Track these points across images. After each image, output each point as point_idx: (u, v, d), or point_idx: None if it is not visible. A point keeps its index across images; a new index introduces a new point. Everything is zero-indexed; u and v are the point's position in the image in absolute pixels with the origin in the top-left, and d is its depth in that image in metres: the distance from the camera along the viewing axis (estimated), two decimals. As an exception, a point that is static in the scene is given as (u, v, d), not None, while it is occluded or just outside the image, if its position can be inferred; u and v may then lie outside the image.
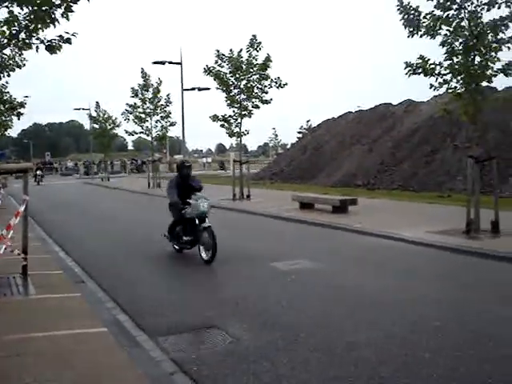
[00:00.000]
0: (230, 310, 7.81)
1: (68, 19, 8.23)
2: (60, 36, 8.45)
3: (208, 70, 25.01)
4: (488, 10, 13.09)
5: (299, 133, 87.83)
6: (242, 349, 6.24)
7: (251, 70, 24.65)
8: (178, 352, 6.25)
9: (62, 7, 8.03)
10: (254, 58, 24.55)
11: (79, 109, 57.08)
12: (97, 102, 51.19)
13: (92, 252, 13.26)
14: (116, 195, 34.22)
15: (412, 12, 13.44)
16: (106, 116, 50.05)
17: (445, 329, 6.72)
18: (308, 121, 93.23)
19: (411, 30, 13.54)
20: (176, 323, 7.27)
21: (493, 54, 13.15)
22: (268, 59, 24.40)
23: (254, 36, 24.57)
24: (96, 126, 51.52)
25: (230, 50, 24.88)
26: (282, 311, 7.69)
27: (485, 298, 8.24)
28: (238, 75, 24.85)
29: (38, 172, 49.97)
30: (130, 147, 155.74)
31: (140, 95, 38.01)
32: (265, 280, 9.66)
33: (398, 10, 13.54)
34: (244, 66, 24.65)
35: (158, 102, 37.58)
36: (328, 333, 6.70)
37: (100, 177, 55.70)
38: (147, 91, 37.84)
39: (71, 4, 7.99)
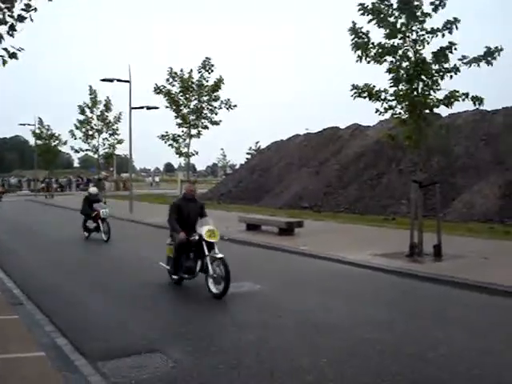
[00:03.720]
0: (173, 334, 7.70)
1: (13, 36, 8.05)
2: (5, 49, 8.21)
3: (158, 89, 24.88)
4: (431, 39, 13.49)
5: (248, 154, 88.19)
6: (183, 373, 6.14)
7: (202, 92, 24.66)
8: (118, 377, 6.11)
9: (7, 26, 7.83)
10: (205, 79, 24.59)
11: (24, 124, 55.75)
12: (40, 118, 50.15)
13: (32, 272, 12.90)
14: (59, 213, 33.47)
15: (362, 36, 13.68)
16: (49, 133, 49.13)
17: (386, 352, 6.77)
18: (257, 142, 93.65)
19: (359, 54, 13.79)
20: (117, 347, 7.11)
21: (435, 82, 13.51)
22: (220, 81, 24.47)
23: (207, 58, 24.65)
24: (40, 142, 50.48)
25: (181, 70, 24.86)
26: (225, 335, 7.62)
27: (425, 321, 8.36)
28: (188, 95, 24.81)
29: None
30: (76, 164, 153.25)
31: (88, 112, 37.35)
32: (209, 303, 9.57)
33: (350, 32, 13.74)
34: (195, 87, 24.65)
35: (106, 119, 36.93)
36: (270, 357, 6.66)
37: (44, 194, 54.43)
38: (95, 108, 37.21)
39: (15, 23, 7.80)
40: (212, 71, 24.58)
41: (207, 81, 24.62)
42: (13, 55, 8.22)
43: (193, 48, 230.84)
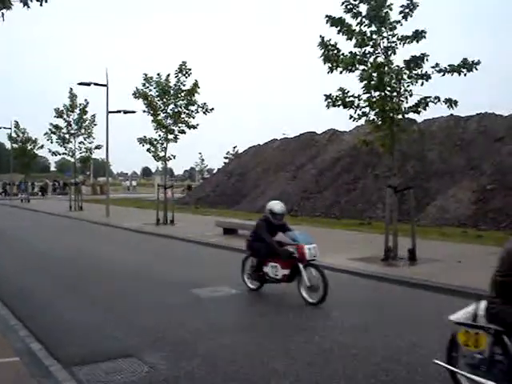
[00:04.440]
0: (149, 339, 7.68)
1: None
2: None
3: (137, 93, 24.79)
4: (403, 45, 13.68)
5: (225, 158, 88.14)
6: (159, 378, 6.15)
7: (179, 96, 24.64)
8: (93, 382, 6.10)
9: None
10: (182, 83, 24.59)
11: (0, 128, 55.17)
12: (16, 122, 49.74)
13: (5, 277, 12.78)
14: (35, 217, 33.15)
15: (331, 48, 13.79)
16: (25, 136, 48.72)
17: (360, 356, 6.85)
18: (235, 146, 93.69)
19: (330, 65, 13.89)
20: (92, 352, 7.09)
21: (406, 89, 13.67)
22: (196, 85, 24.47)
23: (184, 62, 24.66)
24: (16, 145, 50.04)
25: (158, 74, 24.84)
26: (201, 339, 7.63)
27: (399, 325, 8.45)
28: (165, 99, 24.79)
29: None
30: (53, 168, 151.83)
31: (65, 116, 36.96)
32: (185, 307, 9.58)
33: (319, 46, 13.84)
34: (172, 91, 24.64)
35: (83, 122, 36.62)
36: (246, 361, 6.70)
37: (20, 198, 53.86)
38: (72, 112, 36.87)
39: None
40: (188, 75, 24.60)
41: (184, 85, 24.63)
42: None
43: (170, 52, 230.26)
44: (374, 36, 13.56)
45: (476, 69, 13.13)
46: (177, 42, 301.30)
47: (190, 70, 24.58)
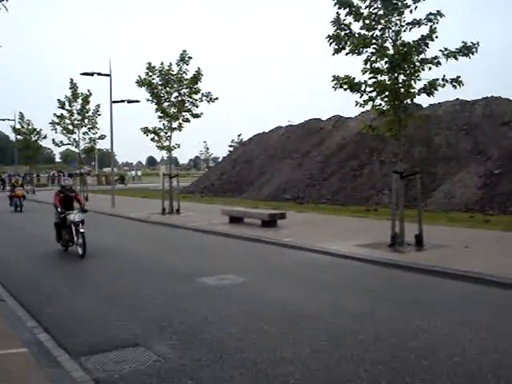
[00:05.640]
0: (156, 328, 7.68)
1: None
2: None
3: (141, 82, 24.71)
4: (410, 30, 13.53)
5: (230, 146, 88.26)
6: (166, 367, 6.15)
7: (182, 84, 24.56)
8: (101, 372, 6.09)
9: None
10: (184, 71, 24.51)
11: (4, 119, 55.22)
12: (21, 113, 49.71)
13: (13, 269, 12.81)
14: (40, 208, 33.21)
15: (344, 28, 13.63)
16: (30, 127, 48.73)
17: (367, 342, 6.82)
18: (239, 135, 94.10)
19: (336, 47, 13.74)
20: (99, 342, 7.09)
21: (417, 73, 13.52)
22: (199, 73, 24.40)
23: (184, 51, 24.59)
24: (20, 137, 50.06)
25: (161, 63, 24.73)
26: (208, 328, 7.62)
27: (406, 311, 8.42)
28: (168, 88, 24.72)
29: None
30: (58, 159, 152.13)
31: (68, 106, 37.04)
32: (192, 296, 9.57)
33: (332, 23, 13.67)
34: (175, 78, 24.56)
35: (87, 112, 36.68)
36: (254, 349, 6.68)
37: (25, 190, 53.94)
38: (75, 102, 36.92)
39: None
40: (188, 64, 24.50)
41: (186, 73, 24.55)
42: None
43: (173, 40, 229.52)
44: (382, 20, 13.38)
45: (476, 51, 13.05)
46: (181, 28, 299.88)
47: (190, 58, 24.51)
